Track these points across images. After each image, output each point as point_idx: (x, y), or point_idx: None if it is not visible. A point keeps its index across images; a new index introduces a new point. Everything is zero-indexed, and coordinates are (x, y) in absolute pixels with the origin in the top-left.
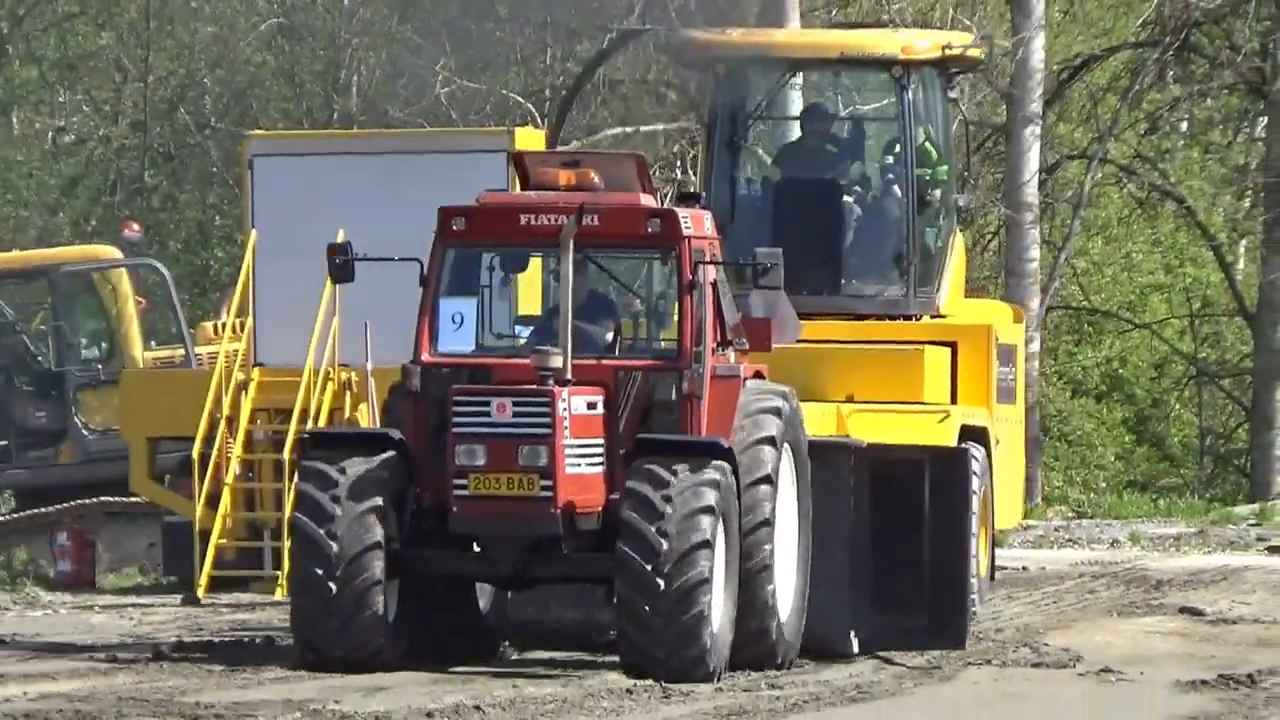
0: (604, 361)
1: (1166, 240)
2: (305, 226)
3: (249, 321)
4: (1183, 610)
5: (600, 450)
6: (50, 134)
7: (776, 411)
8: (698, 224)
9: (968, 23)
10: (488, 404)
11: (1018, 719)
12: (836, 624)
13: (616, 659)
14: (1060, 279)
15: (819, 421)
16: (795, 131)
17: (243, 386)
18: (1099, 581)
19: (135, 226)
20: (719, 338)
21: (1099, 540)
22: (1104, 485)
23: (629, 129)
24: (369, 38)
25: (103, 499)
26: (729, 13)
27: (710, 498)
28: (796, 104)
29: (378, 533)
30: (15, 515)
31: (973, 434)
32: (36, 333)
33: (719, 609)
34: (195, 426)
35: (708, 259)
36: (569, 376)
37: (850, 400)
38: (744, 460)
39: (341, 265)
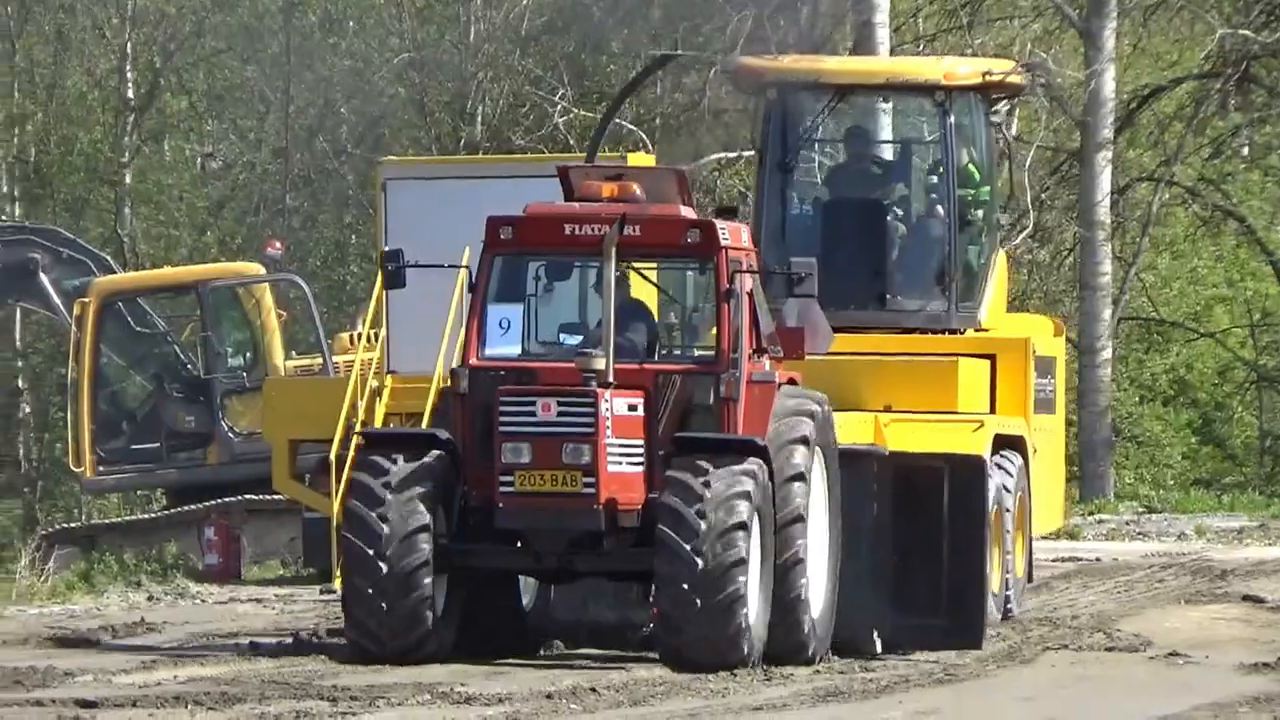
0: (645, 366)
1: (1229, 256)
2: (433, 245)
3: (382, 332)
4: (1245, 598)
5: (640, 450)
6: (199, 160)
7: (810, 414)
8: (735, 236)
9: (1043, 55)
10: (533, 404)
11: (1092, 698)
12: (860, 623)
13: (655, 656)
14: (1130, 292)
15: (856, 430)
16: (842, 156)
17: (377, 392)
18: (1167, 571)
19: (277, 244)
20: (755, 345)
21: (1167, 533)
22: (1171, 483)
23: (731, 154)
24: (493, 70)
25: (247, 497)
26: (822, 47)
27: (743, 511)
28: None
29: (425, 517)
30: (166, 512)
31: (1009, 443)
32: (186, 343)
33: (755, 610)
34: (333, 430)
35: (744, 269)
36: (611, 379)
37: (888, 410)
38: (778, 459)
39: (394, 272)
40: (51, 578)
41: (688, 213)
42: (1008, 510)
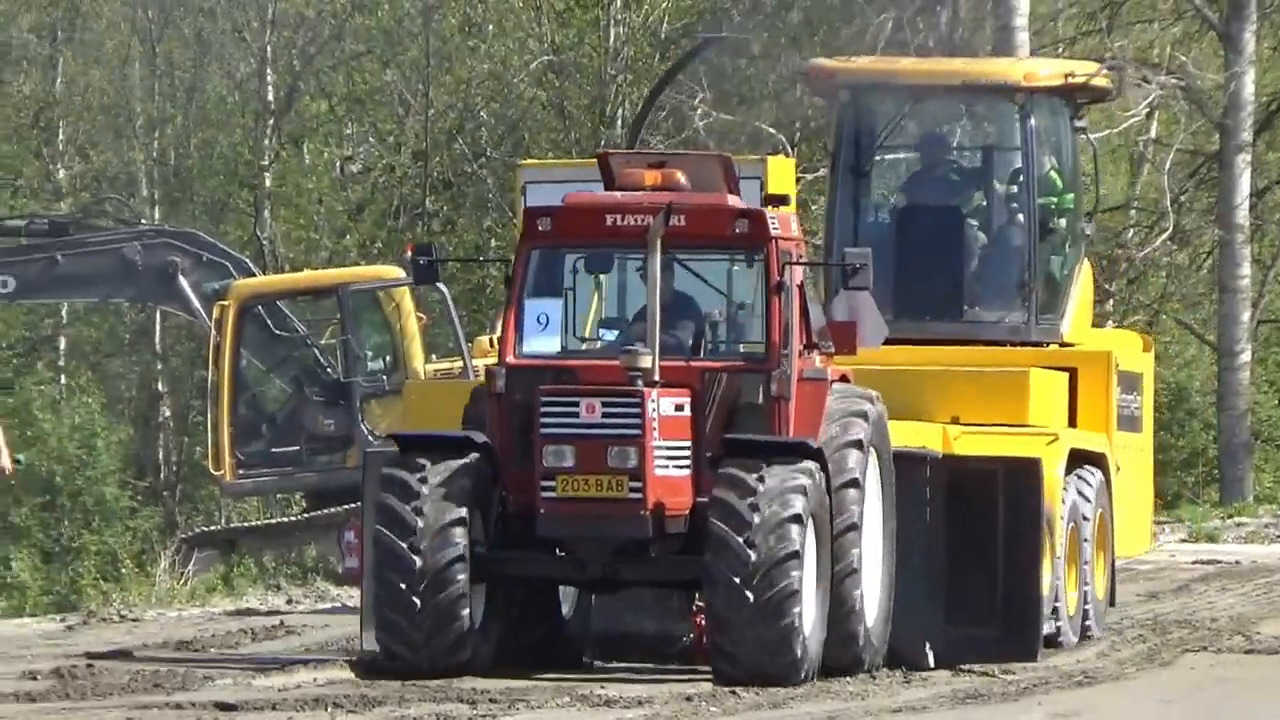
0: (691, 363)
1: None
2: None
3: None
4: None
5: (687, 452)
6: (339, 163)
7: (864, 415)
8: (785, 225)
9: (1183, 58)
10: (576, 404)
11: (1231, 700)
12: (912, 634)
13: (690, 669)
14: (1269, 294)
15: (924, 439)
16: (918, 161)
17: None
18: None
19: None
20: (805, 340)
21: None
22: None
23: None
24: (632, 74)
25: None
26: (961, 51)
27: (798, 505)
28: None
29: (461, 546)
30: (306, 515)
31: (1087, 459)
32: (326, 347)
33: (810, 616)
34: None
35: (795, 260)
36: (657, 378)
37: (955, 422)
38: (832, 464)
39: (426, 266)
40: (191, 581)
41: (735, 201)
42: (1086, 525)
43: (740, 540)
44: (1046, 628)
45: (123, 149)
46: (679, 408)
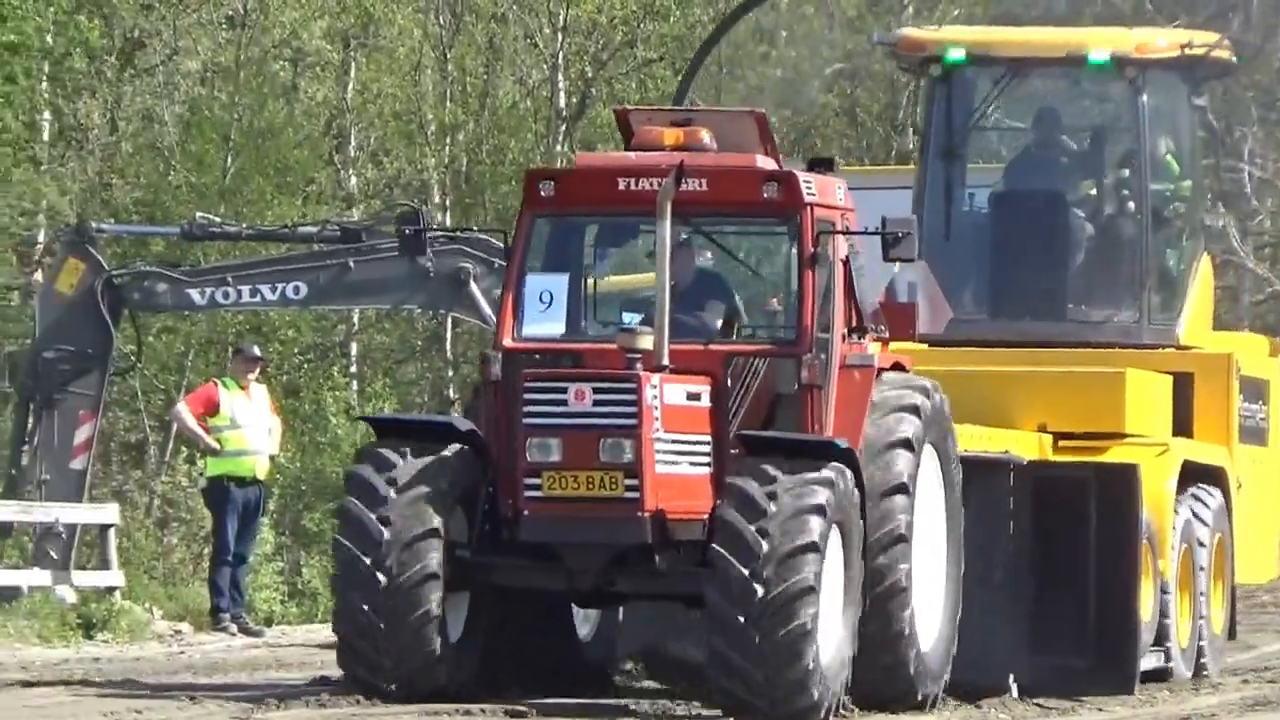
0: (711, 347)
1: None
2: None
3: None
4: None
5: (705, 448)
6: None
7: (914, 409)
8: (825, 191)
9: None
10: (564, 391)
11: None
12: (994, 663)
13: None
14: None
15: (1014, 448)
16: (1020, 141)
17: None
18: None
19: (708, 254)
20: (852, 322)
21: None
22: None
23: None
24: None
25: None
26: (1253, 59)
27: (821, 496)
28: (1025, 113)
29: (435, 521)
30: None
31: (1203, 474)
32: None
33: (832, 643)
34: None
35: (838, 230)
36: (665, 362)
37: (1043, 430)
38: (876, 466)
39: (413, 237)
40: None
41: (766, 163)
42: (1202, 551)
43: (752, 529)
44: (1154, 660)
45: (414, 155)
46: (693, 397)
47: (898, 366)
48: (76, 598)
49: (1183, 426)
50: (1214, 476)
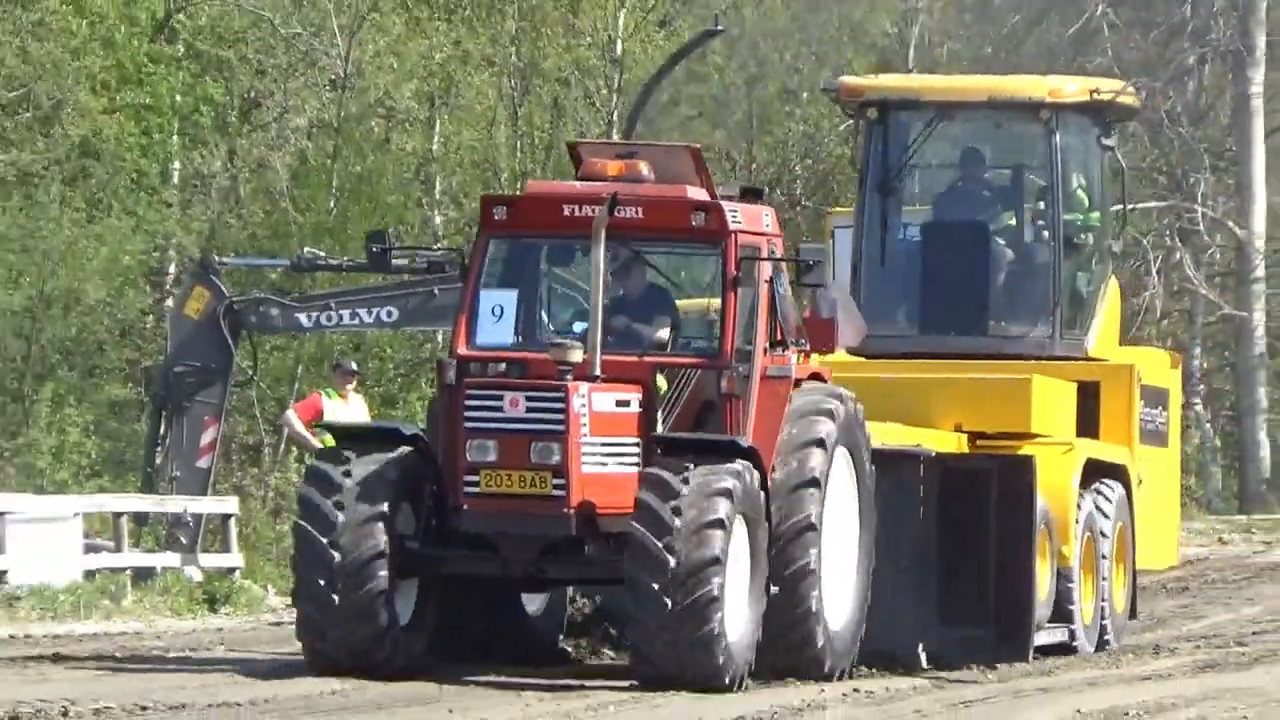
0: (644, 359)
1: None
2: None
3: None
4: None
5: (634, 449)
6: None
7: (829, 413)
8: (751, 219)
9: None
10: (500, 398)
11: None
12: (905, 636)
13: None
14: None
15: (944, 446)
16: (947, 177)
17: None
18: None
19: None
20: (775, 337)
21: None
22: None
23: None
24: None
25: None
26: (1205, 116)
27: (722, 509)
28: (952, 151)
29: (383, 506)
30: None
31: (1107, 470)
32: None
33: (739, 621)
34: None
35: (764, 256)
36: (597, 372)
37: (958, 430)
38: (790, 462)
39: (379, 254)
40: None
41: (697, 194)
42: (1105, 538)
43: (660, 545)
44: (1059, 635)
45: None
46: (622, 403)
47: (817, 377)
48: (202, 577)
49: (1090, 429)
50: (1116, 473)
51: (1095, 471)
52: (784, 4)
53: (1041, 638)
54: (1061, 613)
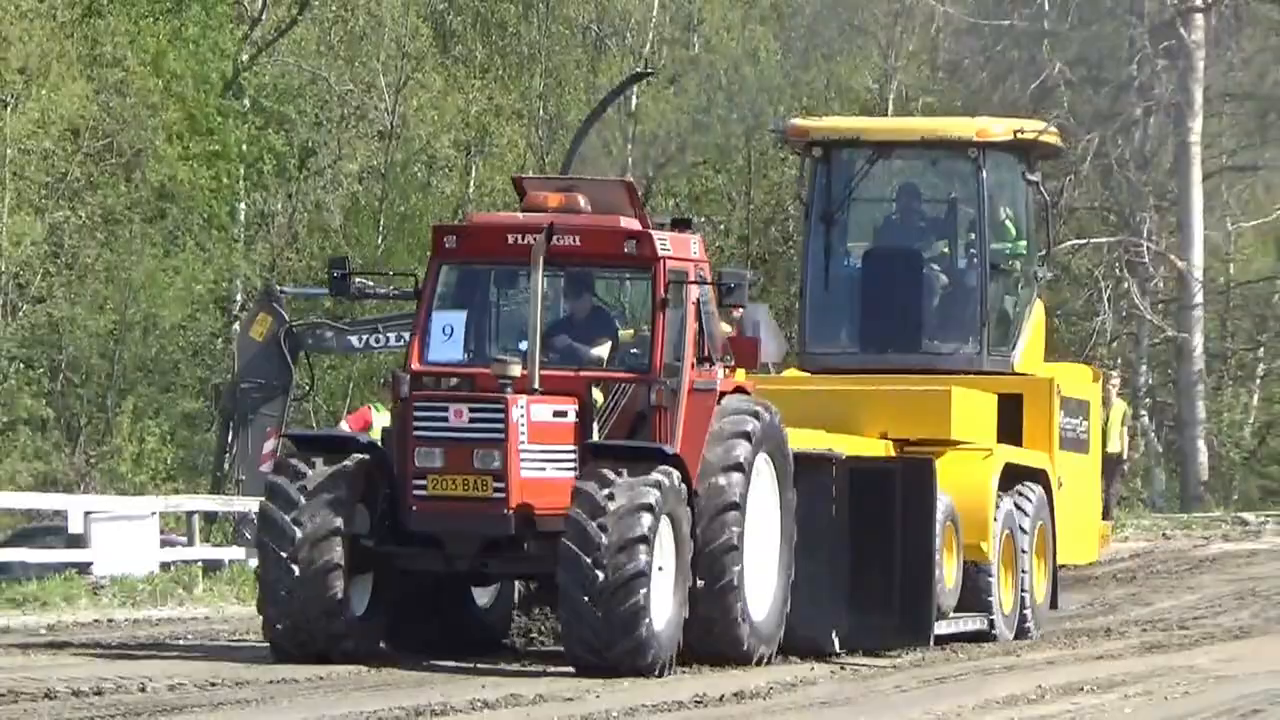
0: (580, 373)
1: None
2: None
3: None
4: None
5: (570, 456)
6: None
7: (747, 435)
8: (680, 246)
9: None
10: (446, 410)
11: None
12: (819, 623)
13: None
14: None
15: (869, 452)
16: (885, 209)
17: None
18: None
19: None
20: (702, 354)
21: None
22: None
23: (1080, 241)
24: None
25: None
26: (1150, 160)
27: (651, 496)
28: (889, 186)
29: (337, 521)
30: None
31: (1027, 474)
32: None
33: (664, 605)
34: None
35: (691, 280)
36: (536, 385)
37: (884, 437)
38: (717, 450)
39: (340, 279)
40: None
41: (630, 223)
42: (1024, 535)
43: (589, 561)
44: (978, 623)
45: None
46: (560, 414)
47: (740, 390)
48: None
49: (1014, 437)
50: (1036, 476)
51: (1016, 475)
52: (779, 65)
53: (956, 625)
54: (980, 603)
